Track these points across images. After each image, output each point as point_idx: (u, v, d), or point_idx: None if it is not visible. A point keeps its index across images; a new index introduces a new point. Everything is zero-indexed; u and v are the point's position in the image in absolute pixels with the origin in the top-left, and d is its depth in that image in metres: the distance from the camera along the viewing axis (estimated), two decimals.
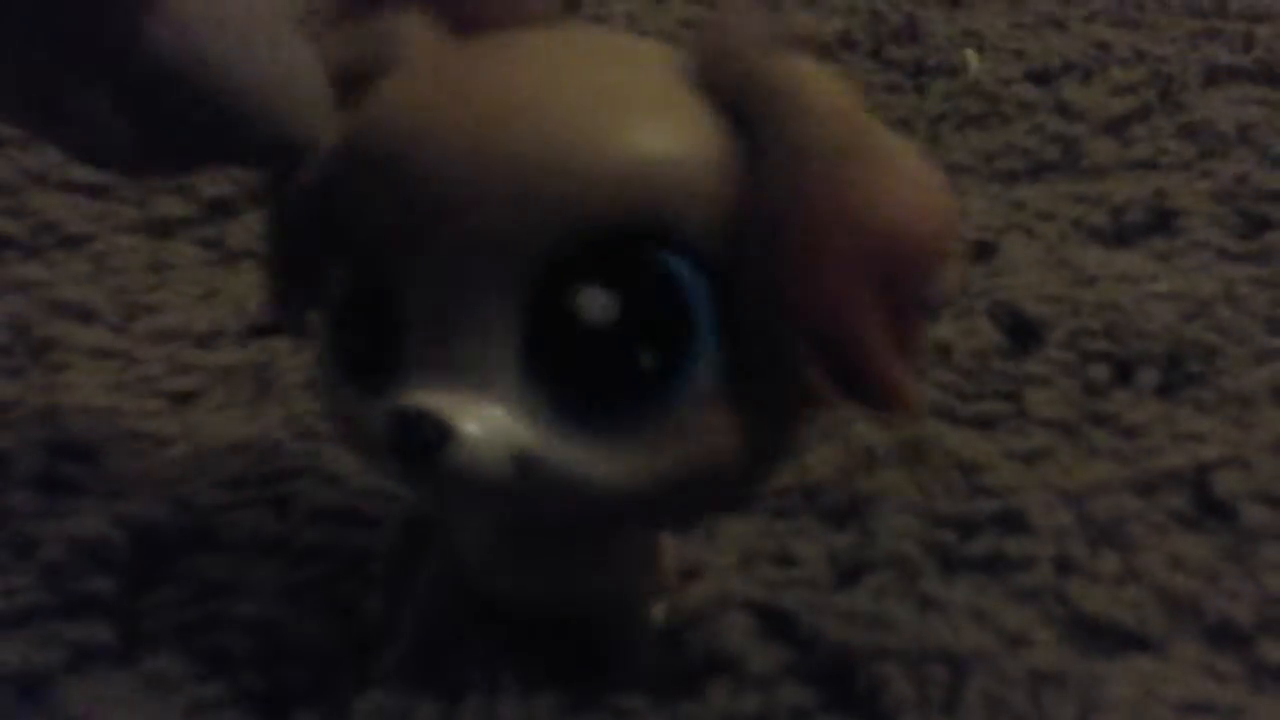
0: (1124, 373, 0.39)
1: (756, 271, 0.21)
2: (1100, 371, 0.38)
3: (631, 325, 0.20)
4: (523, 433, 0.21)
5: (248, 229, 0.48)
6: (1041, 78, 0.62)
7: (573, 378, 0.21)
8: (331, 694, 0.27)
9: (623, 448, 0.21)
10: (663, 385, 0.21)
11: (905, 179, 0.22)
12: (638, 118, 0.21)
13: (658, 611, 0.28)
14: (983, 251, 0.47)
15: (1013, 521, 0.32)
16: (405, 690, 0.26)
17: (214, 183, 0.50)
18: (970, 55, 0.64)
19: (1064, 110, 0.58)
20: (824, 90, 0.21)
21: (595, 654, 0.27)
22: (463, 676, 0.26)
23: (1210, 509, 0.33)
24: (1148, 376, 0.38)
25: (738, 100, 0.21)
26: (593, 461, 0.21)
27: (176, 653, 0.28)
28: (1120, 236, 0.48)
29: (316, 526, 0.31)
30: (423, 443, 0.21)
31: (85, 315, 0.42)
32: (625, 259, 0.20)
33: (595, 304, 0.20)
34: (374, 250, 0.22)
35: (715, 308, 0.21)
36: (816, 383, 0.21)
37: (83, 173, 0.50)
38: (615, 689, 0.27)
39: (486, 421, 0.21)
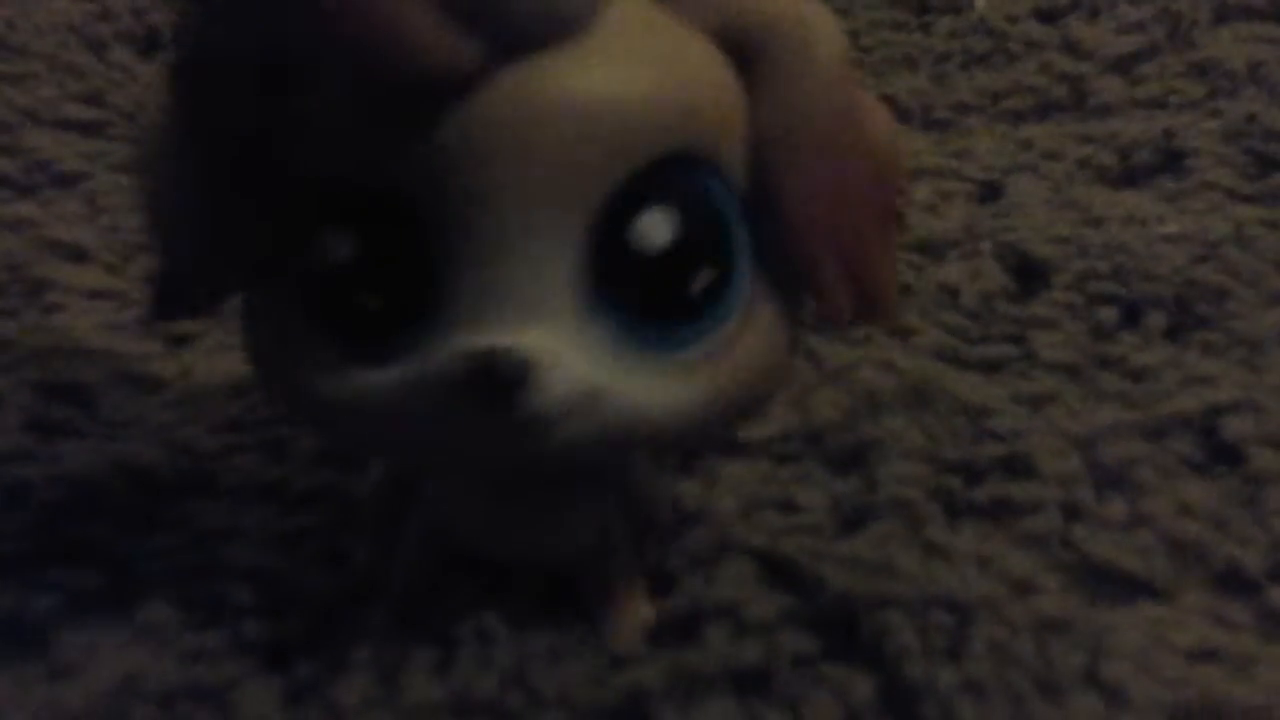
0: (1132, 315, 0.38)
1: (773, 190, 0.22)
2: (1108, 314, 0.38)
3: (682, 250, 0.21)
4: (589, 369, 0.21)
5: None
6: (1049, 15, 0.61)
7: (631, 307, 0.21)
8: (330, 643, 0.26)
9: (680, 375, 0.22)
10: (712, 307, 0.22)
11: (874, 102, 0.23)
12: (681, 56, 0.22)
13: (649, 558, 0.28)
14: (989, 192, 0.47)
15: (1019, 466, 0.32)
16: (402, 638, 0.26)
17: None
18: None
19: (1071, 48, 0.58)
20: (820, 23, 0.22)
21: (584, 604, 0.27)
22: (456, 623, 0.26)
23: (1219, 453, 0.32)
24: (1156, 319, 0.38)
25: (740, 38, 0.22)
26: (654, 392, 0.21)
27: (172, 600, 0.27)
28: (1128, 177, 0.47)
29: (314, 471, 0.31)
30: (505, 384, 0.20)
31: (79, 255, 0.41)
32: (673, 186, 0.21)
33: (654, 229, 0.21)
34: (411, 184, 0.20)
35: (743, 229, 0.22)
36: (828, 289, 0.22)
37: (76, 110, 0.50)
38: (609, 635, 0.26)
39: (559, 360, 0.20)
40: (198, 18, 0.21)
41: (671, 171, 0.21)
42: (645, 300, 0.21)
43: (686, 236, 0.21)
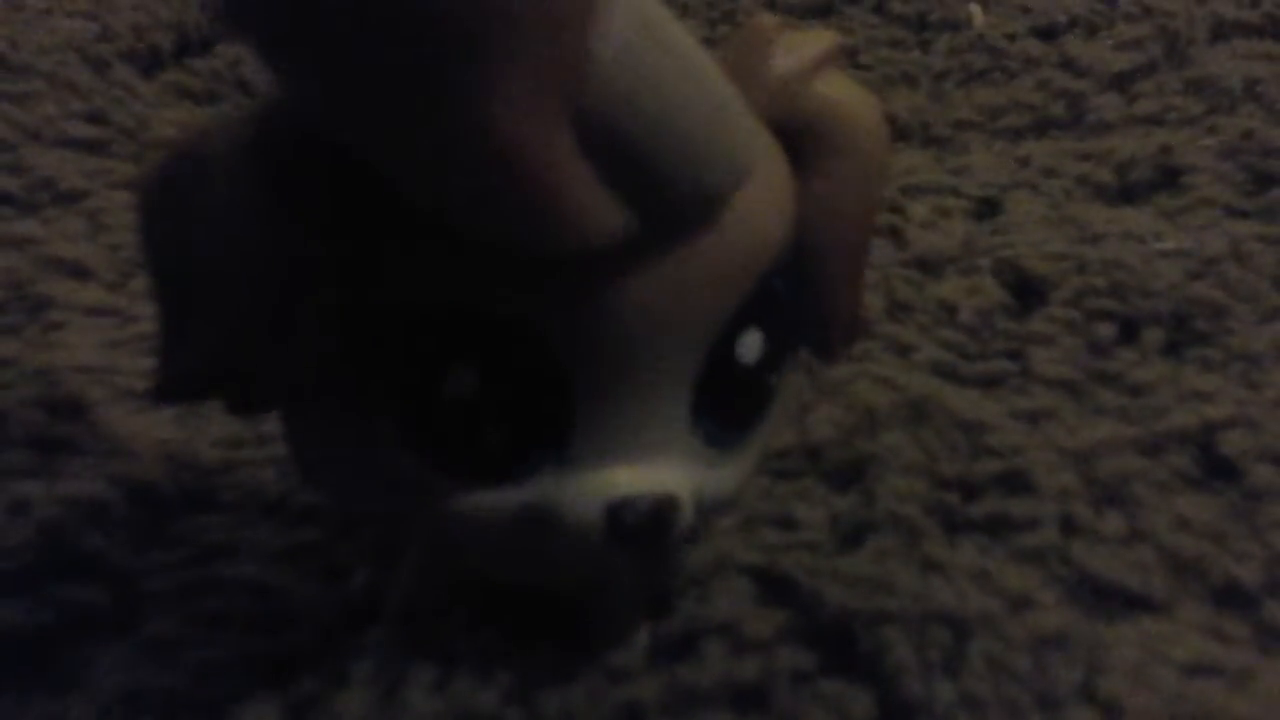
0: (1129, 331, 0.38)
1: (812, 265, 0.23)
2: (1105, 330, 0.38)
3: (765, 358, 0.22)
4: (696, 480, 0.21)
5: None
6: (1047, 33, 0.61)
7: (725, 414, 0.22)
8: (331, 658, 0.26)
9: (743, 455, 0.23)
10: (775, 393, 0.23)
11: None
12: (778, 178, 0.22)
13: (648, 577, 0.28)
14: (987, 209, 0.47)
15: (1016, 482, 0.32)
16: (403, 654, 0.26)
17: None
18: (974, 10, 0.64)
19: (1069, 66, 0.58)
20: (867, 115, 0.23)
21: (583, 623, 0.27)
22: (456, 640, 0.26)
23: (1217, 469, 0.32)
24: (1153, 335, 0.38)
25: (794, 124, 0.22)
26: (728, 478, 0.22)
27: (174, 615, 0.28)
28: (1126, 193, 0.47)
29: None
30: (657, 528, 0.20)
31: (81, 272, 0.41)
32: (763, 299, 0.21)
33: (753, 347, 0.22)
34: (544, 320, 0.20)
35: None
36: (841, 340, 0.24)
37: (79, 128, 0.50)
38: (609, 651, 0.27)
39: (692, 494, 0.21)
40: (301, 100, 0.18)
41: (761, 286, 0.21)
42: (734, 408, 0.22)
43: (770, 346, 0.22)
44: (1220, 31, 0.59)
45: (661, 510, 0.20)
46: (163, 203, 0.21)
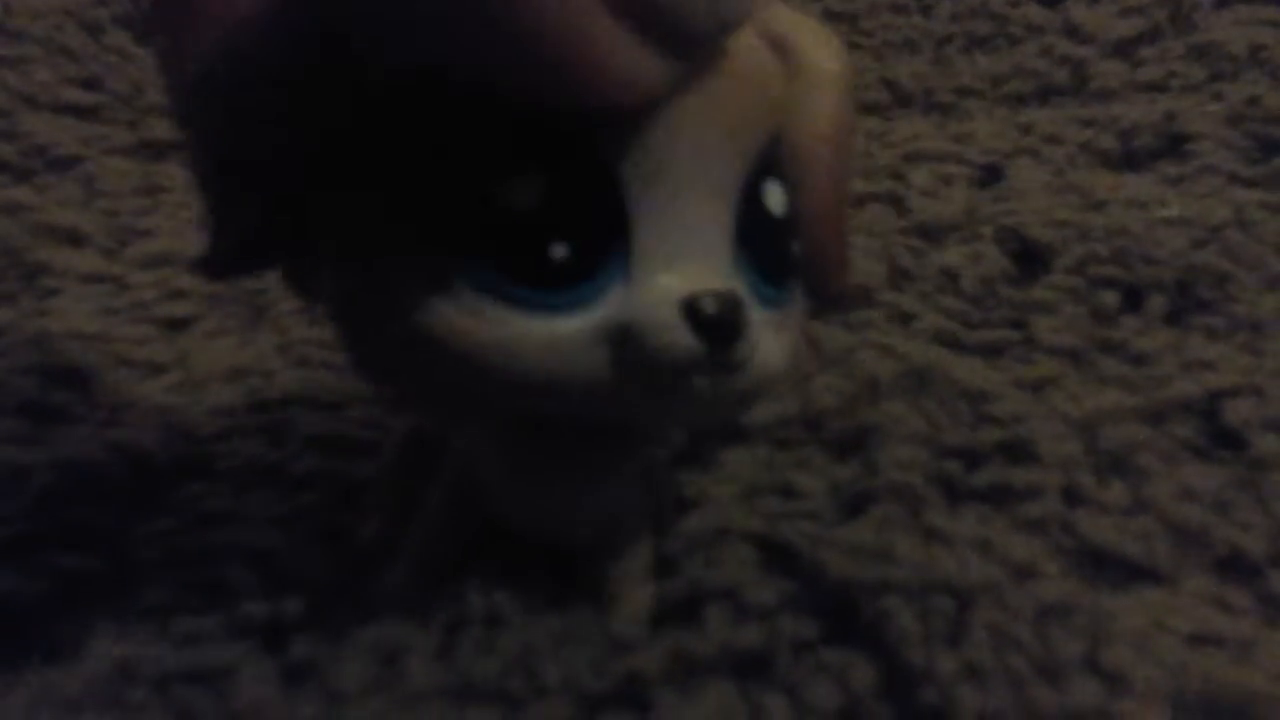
0: (1133, 299, 0.38)
1: (796, 181, 0.23)
2: (1109, 298, 0.38)
3: (785, 218, 0.23)
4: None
5: None
6: None
7: (760, 266, 0.22)
8: (330, 624, 0.26)
9: (779, 331, 0.23)
10: (794, 273, 0.23)
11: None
12: (765, 52, 0.23)
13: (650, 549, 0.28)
14: (990, 175, 0.46)
15: (1019, 451, 0.32)
16: (404, 620, 0.26)
17: None
18: None
19: (1073, 32, 0.58)
20: (832, 44, 0.24)
21: (591, 588, 0.27)
22: (461, 606, 0.26)
23: (1221, 438, 0.32)
24: (1157, 303, 0.38)
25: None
26: (775, 343, 0.22)
27: (170, 583, 0.27)
28: (1129, 160, 0.47)
29: (311, 454, 0.31)
30: (733, 321, 0.21)
31: (76, 240, 0.41)
32: (778, 160, 0.23)
33: (777, 196, 0.22)
34: (600, 137, 0.20)
35: None
36: (832, 269, 0.24)
37: (73, 94, 0.50)
38: (613, 619, 0.26)
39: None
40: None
41: (774, 147, 0.22)
42: (768, 262, 0.22)
43: (787, 206, 0.23)
44: None
45: (734, 303, 0.21)
46: (205, 93, 0.21)
